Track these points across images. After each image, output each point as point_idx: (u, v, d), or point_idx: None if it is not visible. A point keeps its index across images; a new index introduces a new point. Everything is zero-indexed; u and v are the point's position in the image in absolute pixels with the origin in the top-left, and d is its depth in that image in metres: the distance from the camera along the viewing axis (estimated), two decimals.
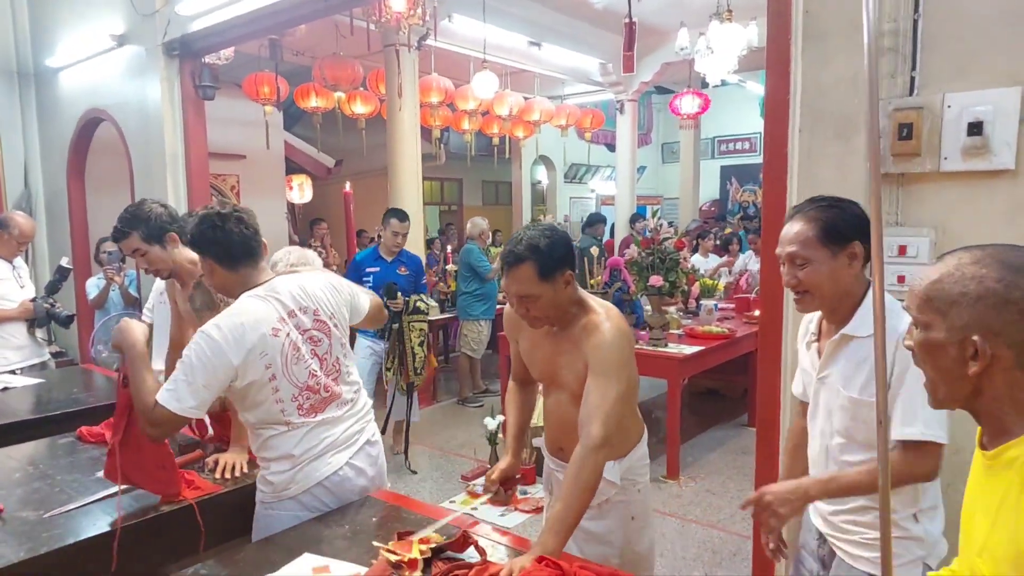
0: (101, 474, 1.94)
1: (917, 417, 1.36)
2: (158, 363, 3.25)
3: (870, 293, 1.47)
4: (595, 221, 7.20)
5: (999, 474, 0.95)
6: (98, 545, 1.66)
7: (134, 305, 4.63)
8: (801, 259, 1.46)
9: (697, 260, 6.63)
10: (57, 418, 2.69)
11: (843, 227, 1.44)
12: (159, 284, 3.41)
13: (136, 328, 1.77)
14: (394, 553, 1.47)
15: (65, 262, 3.96)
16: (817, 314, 1.60)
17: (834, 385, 1.51)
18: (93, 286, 4.89)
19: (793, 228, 1.48)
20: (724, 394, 5.77)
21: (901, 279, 1.77)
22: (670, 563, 3.22)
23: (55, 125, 6.18)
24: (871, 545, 1.50)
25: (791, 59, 1.95)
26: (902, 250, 1.76)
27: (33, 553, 1.56)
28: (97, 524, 1.72)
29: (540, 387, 2.09)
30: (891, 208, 1.81)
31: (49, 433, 2.47)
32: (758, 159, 12.56)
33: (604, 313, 1.74)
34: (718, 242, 7.73)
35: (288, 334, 1.76)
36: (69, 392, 3.16)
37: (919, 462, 1.38)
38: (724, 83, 6.42)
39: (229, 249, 1.78)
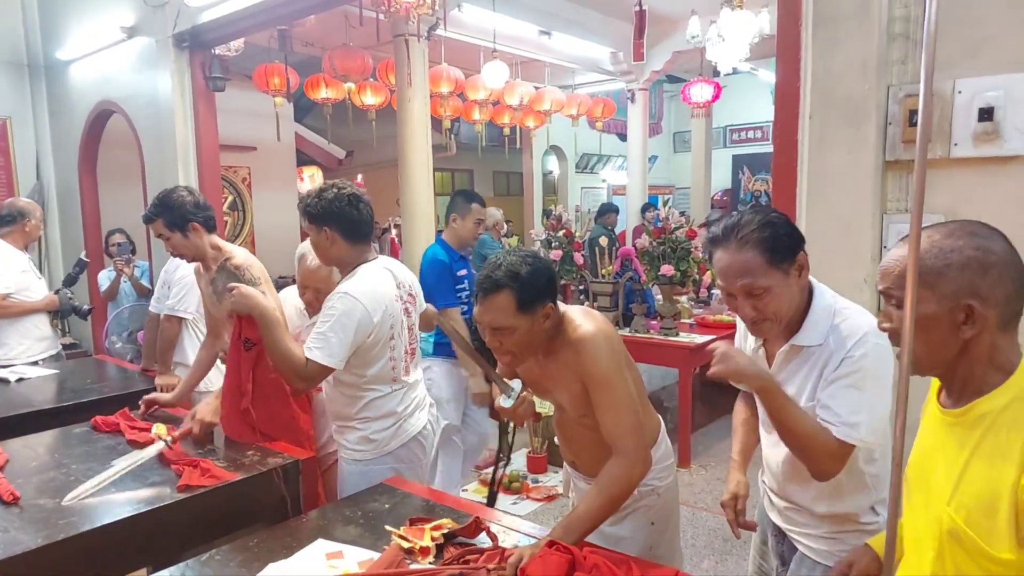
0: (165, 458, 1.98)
1: (860, 421, 1.33)
2: (178, 355, 3.31)
3: (815, 300, 1.41)
4: (607, 211, 7.18)
5: (968, 430, 1.02)
6: (113, 531, 1.69)
7: (147, 295, 4.66)
8: (759, 289, 1.35)
9: None
10: (72, 408, 2.73)
11: (787, 242, 1.35)
12: (164, 277, 3.45)
13: (255, 293, 1.99)
14: (406, 539, 1.48)
15: (83, 255, 4.00)
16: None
17: (789, 391, 1.43)
18: (105, 278, 4.94)
19: (736, 258, 1.35)
20: (734, 384, 5.75)
21: None
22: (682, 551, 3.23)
23: (66, 118, 6.22)
24: (830, 539, 1.48)
25: (801, 45, 1.93)
26: None
27: (50, 540, 1.59)
28: (112, 512, 1.74)
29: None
30: (901, 195, 1.80)
31: (64, 423, 2.51)
32: (770, 148, 12.43)
33: (580, 318, 1.61)
34: None
35: (400, 299, 2.11)
36: (84, 382, 3.21)
37: (840, 462, 1.35)
38: (736, 71, 6.38)
39: (358, 226, 2.06)
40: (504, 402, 1.69)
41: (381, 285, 2.05)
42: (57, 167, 6.52)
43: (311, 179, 9.08)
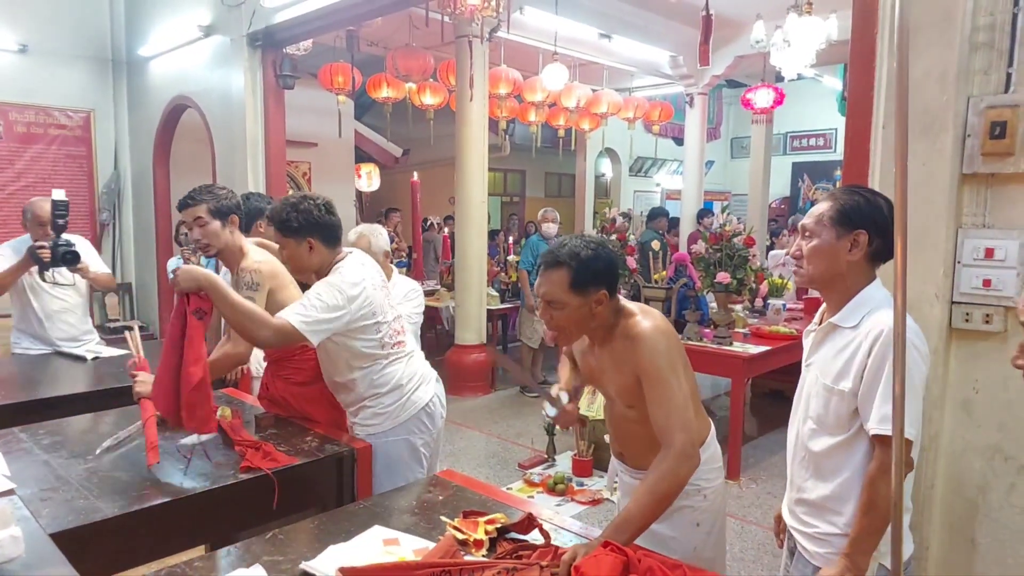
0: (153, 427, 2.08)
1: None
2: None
3: (869, 288, 1.49)
4: (657, 215, 7.06)
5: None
6: (179, 507, 1.77)
7: None
8: (810, 232, 1.51)
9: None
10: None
11: (855, 214, 1.46)
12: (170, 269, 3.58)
13: (195, 268, 2.01)
14: (460, 531, 1.52)
15: (58, 195, 3.35)
16: (824, 306, 1.61)
17: (814, 372, 1.54)
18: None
19: (819, 207, 1.53)
20: (788, 396, 5.62)
21: (987, 283, 1.70)
22: (728, 564, 3.18)
23: (144, 111, 6.52)
24: (825, 540, 1.50)
25: (876, 52, 1.89)
26: (989, 253, 1.69)
27: (123, 510, 1.68)
28: (179, 488, 1.83)
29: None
30: (978, 210, 1.74)
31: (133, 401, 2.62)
32: (832, 156, 12.13)
33: (640, 314, 1.67)
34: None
35: (379, 287, 2.24)
36: (153, 364, 3.35)
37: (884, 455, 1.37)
38: (800, 77, 6.24)
39: (335, 231, 2.21)
40: (549, 411, 1.88)
41: (365, 274, 2.20)
42: (133, 158, 6.83)
43: (368, 176, 9.26)
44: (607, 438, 2.00)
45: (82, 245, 3.61)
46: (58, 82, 6.38)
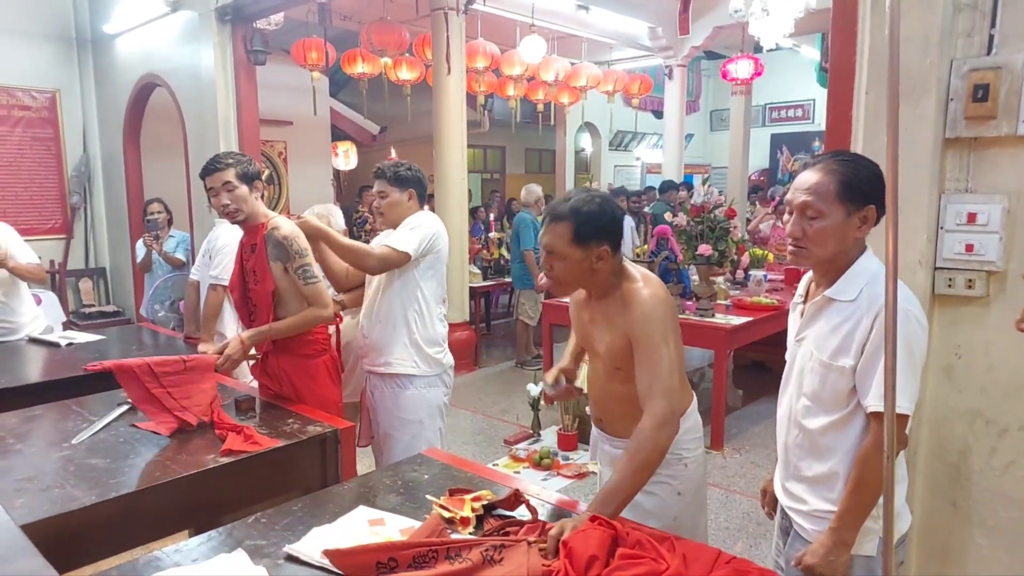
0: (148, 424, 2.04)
1: (899, 391, 1.32)
2: (219, 324, 3.39)
3: (862, 259, 1.43)
4: (669, 187, 7.35)
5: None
6: (158, 492, 1.73)
7: (181, 268, 4.70)
8: (814, 211, 1.39)
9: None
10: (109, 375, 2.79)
11: (865, 187, 1.37)
12: (206, 246, 3.51)
13: (311, 220, 2.46)
14: (447, 509, 1.50)
15: None
16: (808, 276, 1.57)
17: (809, 347, 1.47)
18: (141, 249, 4.87)
19: (812, 177, 1.40)
20: (770, 367, 5.69)
21: (969, 248, 1.70)
22: (713, 533, 3.22)
23: (112, 90, 6.33)
24: (822, 518, 1.46)
25: (858, 17, 1.86)
26: (971, 218, 1.69)
27: (101, 498, 1.64)
28: (158, 474, 1.79)
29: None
30: (960, 174, 1.74)
31: (112, 387, 2.57)
32: (811, 127, 12.15)
33: (642, 280, 1.68)
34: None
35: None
36: (128, 349, 3.29)
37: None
38: (778, 48, 6.21)
39: (425, 191, 2.67)
40: (548, 390, 1.94)
41: (439, 222, 2.65)
42: (103, 139, 6.65)
43: (345, 155, 9.12)
44: (588, 411, 1.99)
45: (5, 234, 3.42)
46: (20, 61, 6.16)
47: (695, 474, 1.79)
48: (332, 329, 2.62)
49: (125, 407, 2.25)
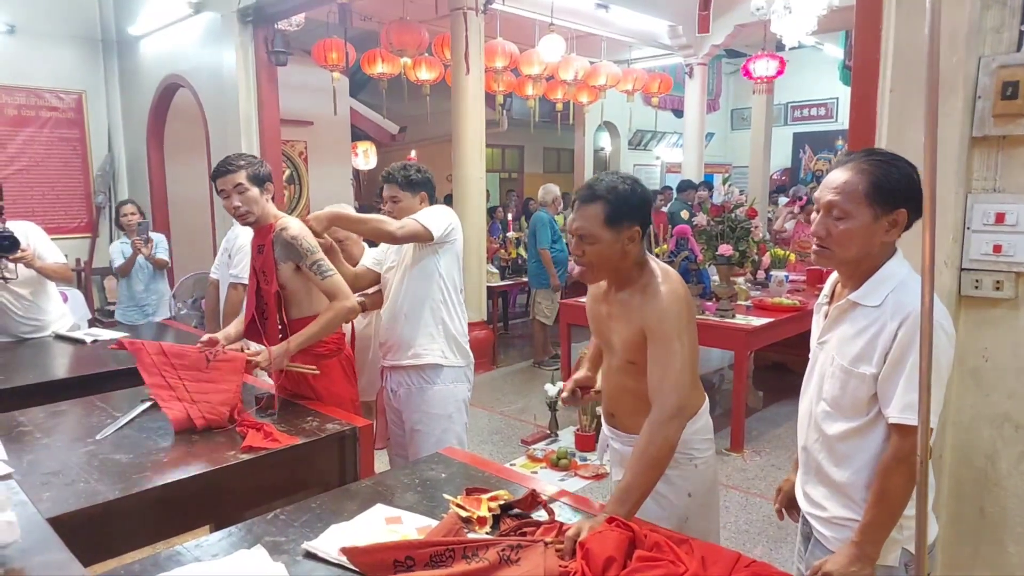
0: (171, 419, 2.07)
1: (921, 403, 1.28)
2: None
3: (890, 263, 1.38)
4: (687, 187, 7.33)
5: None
6: (180, 488, 1.76)
7: (164, 269, 4.65)
8: (840, 211, 1.35)
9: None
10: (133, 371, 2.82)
11: (896, 189, 1.31)
12: (225, 245, 3.54)
13: (321, 211, 2.46)
14: (463, 508, 1.50)
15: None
16: (835, 276, 1.53)
17: (830, 351, 1.44)
18: (117, 252, 4.65)
19: (840, 176, 1.36)
20: (792, 368, 5.63)
21: (997, 248, 1.66)
22: (732, 536, 3.19)
23: (136, 91, 6.43)
24: (842, 525, 1.43)
25: (882, 14, 1.83)
26: (1000, 218, 1.66)
27: (125, 493, 1.66)
28: (180, 469, 1.81)
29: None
30: (988, 173, 1.71)
31: (136, 383, 2.60)
32: (834, 126, 12.01)
33: (662, 276, 1.67)
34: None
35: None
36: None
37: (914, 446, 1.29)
38: (800, 45, 6.14)
39: (434, 192, 2.67)
40: (565, 395, 1.97)
41: (455, 214, 2.65)
42: (127, 139, 6.75)
43: (365, 154, 9.17)
44: (599, 410, 1.99)
45: (33, 234, 3.44)
46: (48, 63, 6.28)
47: (706, 475, 1.77)
48: (347, 327, 2.63)
49: (148, 403, 2.28)
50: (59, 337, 3.43)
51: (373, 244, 2.88)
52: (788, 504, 1.66)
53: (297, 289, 2.41)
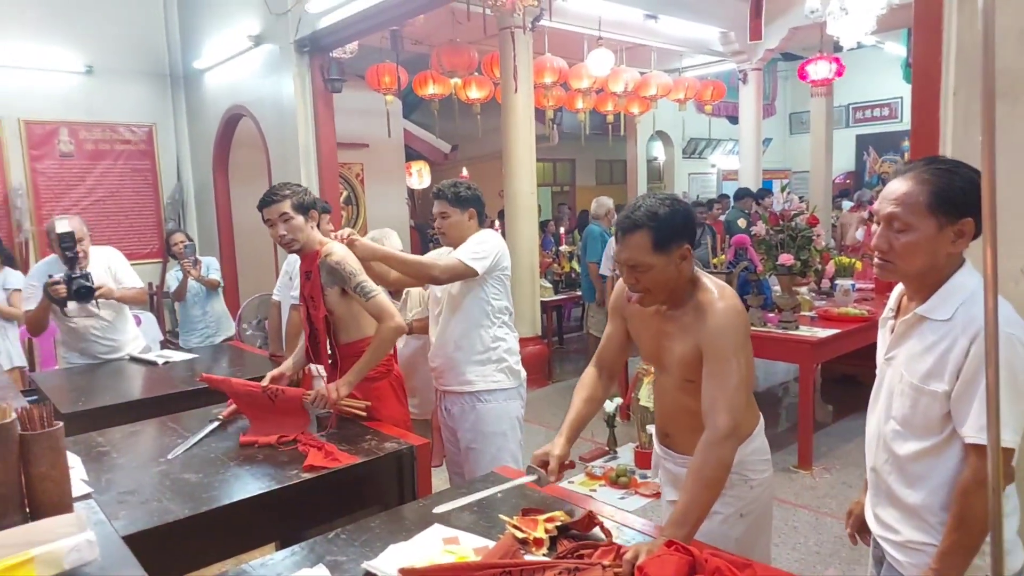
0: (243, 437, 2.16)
1: (1002, 422, 1.20)
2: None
3: (958, 274, 1.31)
4: (744, 195, 7.19)
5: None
6: (247, 506, 1.81)
7: (216, 289, 4.74)
8: (901, 224, 1.30)
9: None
10: (209, 390, 2.93)
11: (960, 198, 1.25)
12: (286, 268, 3.66)
13: (368, 243, 2.54)
14: (520, 529, 1.50)
15: (61, 227, 3.28)
16: (900, 288, 1.46)
17: (898, 368, 1.37)
18: (173, 279, 4.81)
19: (901, 187, 1.31)
20: (862, 381, 5.42)
21: None
22: (802, 557, 3.08)
23: (202, 122, 6.73)
24: (916, 550, 1.35)
25: (943, 14, 1.76)
26: None
27: (195, 511, 1.72)
28: (247, 488, 1.87)
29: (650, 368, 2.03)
30: None
31: (205, 403, 2.71)
32: (899, 126, 11.58)
33: (717, 292, 1.63)
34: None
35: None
36: (220, 367, 3.47)
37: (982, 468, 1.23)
38: (860, 45, 5.96)
39: (484, 210, 2.68)
40: (542, 481, 1.75)
41: (501, 239, 2.69)
42: (195, 168, 7.07)
43: (419, 174, 9.33)
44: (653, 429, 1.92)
45: (114, 259, 3.62)
46: (121, 99, 6.65)
47: (761, 496, 1.72)
48: (395, 347, 2.66)
49: (215, 423, 2.36)
50: (133, 359, 3.59)
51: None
52: (861, 527, 1.59)
53: (344, 314, 2.47)
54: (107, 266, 3.56)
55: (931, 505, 1.34)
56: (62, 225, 3.27)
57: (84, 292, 3.28)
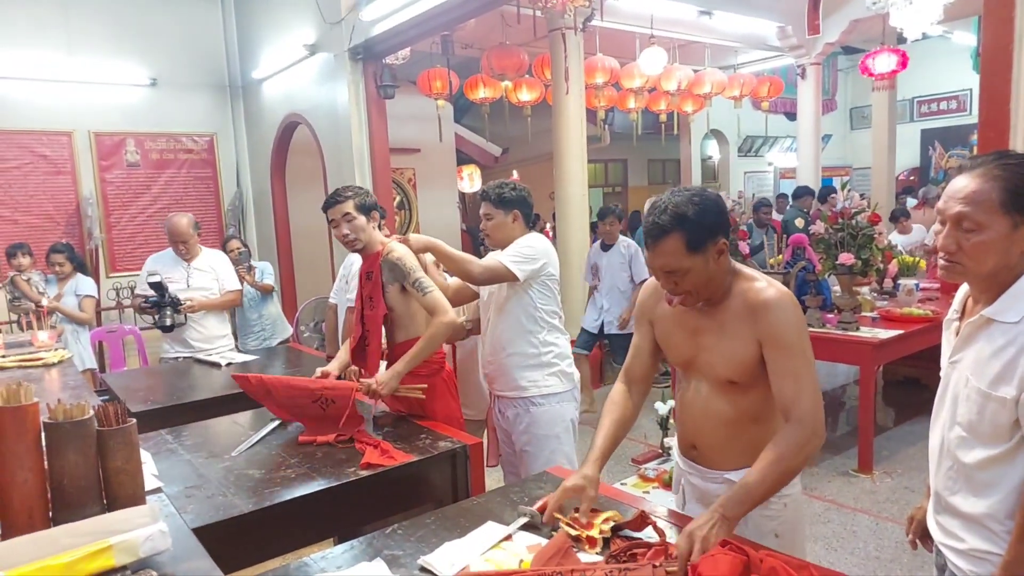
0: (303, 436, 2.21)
1: None
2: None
3: None
4: (803, 193, 7.06)
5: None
6: (307, 502, 1.87)
7: (270, 293, 4.89)
8: (971, 223, 1.23)
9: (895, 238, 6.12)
10: None
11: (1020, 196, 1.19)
12: (343, 271, 3.74)
13: (422, 237, 2.54)
14: (573, 527, 1.50)
15: (152, 279, 3.73)
16: (965, 289, 1.39)
17: (964, 372, 1.31)
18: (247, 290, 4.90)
19: (969, 184, 1.25)
20: (926, 383, 5.21)
21: None
22: (862, 562, 2.99)
23: (260, 130, 6.94)
24: (981, 559, 1.29)
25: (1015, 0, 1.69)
26: None
27: (258, 506, 1.78)
28: (307, 485, 1.93)
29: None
30: None
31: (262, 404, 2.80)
32: (968, 119, 11.08)
33: (766, 281, 1.56)
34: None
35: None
36: (280, 368, 3.57)
37: None
38: (925, 36, 5.73)
39: (531, 212, 2.67)
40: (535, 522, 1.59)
41: (547, 240, 2.66)
42: (253, 175, 7.30)
43: (470, 177, 9.42)
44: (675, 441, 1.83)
45: (219, 263, 4.08)
46: (184, 110, 6.93)
47: (794, 515, 1.65)
48: (447, 347, 2.68)
49: (277, 422, 2.44)
50: (197, 361, 3.74)
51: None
52: (923, 534, 1.53)
53: (403, 312, 2.52)
54: (211, 266, 4.01)
55: (996, 514, 1.28)
56: (152, 278, 3.73)
57: (168, 327, 3.75)
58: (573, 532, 1.49)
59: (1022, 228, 1.23)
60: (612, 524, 1.53)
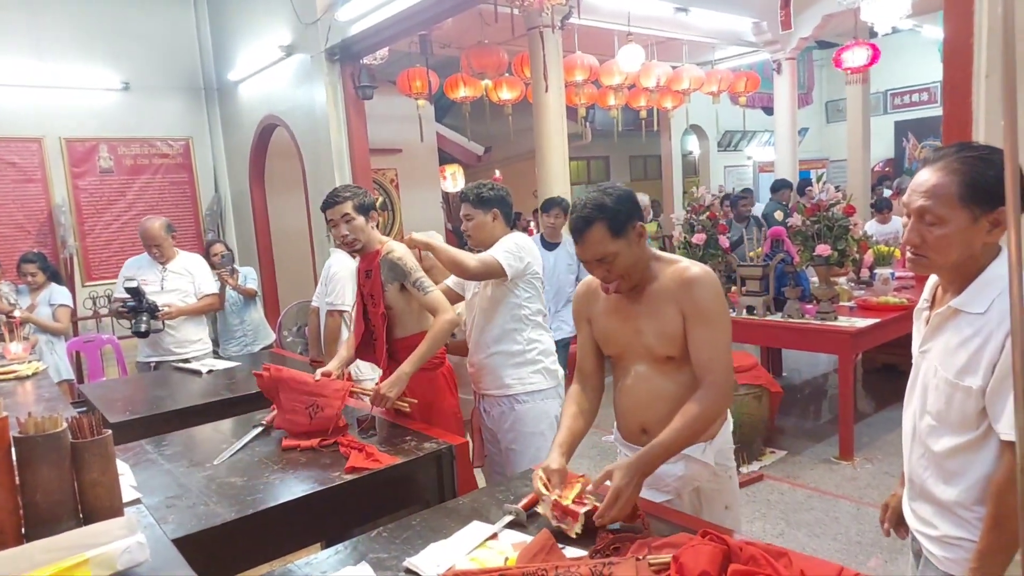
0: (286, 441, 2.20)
1: None
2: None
3: (994, 265, 1.27)
4: (781, 186, 7.11)
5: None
6: (291, 508, 1.86)
7: (252, 297, 4.85)
8: (933, 217, 1.26)
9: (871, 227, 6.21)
10: (253, 396, 3.01)
11: (994, 186, 1.20)
12: (323, 274, 3.73)
13: (422, 234, 2.60)
14: (547, 489, 1.58)
15: (130, 284, 3.73)
16: (934, 279, 1.42)
17: (933, 362, 1.34)
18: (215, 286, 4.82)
19: (930, 178, 1.27)
20: (903, 370, 5.29)
21: None
22: (843, 547, 3.04)
23: (237, 133, 6.88)
24: (954, 544, 1.33)
25: None
26: None
27: (241, 514, 1.78)
28: (291, 491, 1.92)
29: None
30: None
31: (246, 409, 2.79)
32: (939, 111, 11.22)
33: (686, 261, 1.72)
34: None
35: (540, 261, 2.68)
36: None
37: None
38: (895, 30, 5.82)
39: (511, 211, 2.70)
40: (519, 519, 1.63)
41: (529, 238, 2.72)
42: (231, 179, 7.24)
43: (452, 177, 9.41)
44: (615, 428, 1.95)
45: (196, 266, 4.07)
46: (158, 114, 6.85)
47: (736, 486, 1.82)
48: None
49: (259, 429, 2.43)
50: (177, 369, 3.71)
51: None
52: (896, 521, 1.57)
53: (402, 310, 2.55)
54: (187, 269, 4.03)
55: (965, 501, 1.31)
56: (130, 283, 3.72)
57: (143, 332, 3.73)
58: (545, 492, 1.56)
59: (982, 220, 1.24)
60: (585, 490, 1.59)
